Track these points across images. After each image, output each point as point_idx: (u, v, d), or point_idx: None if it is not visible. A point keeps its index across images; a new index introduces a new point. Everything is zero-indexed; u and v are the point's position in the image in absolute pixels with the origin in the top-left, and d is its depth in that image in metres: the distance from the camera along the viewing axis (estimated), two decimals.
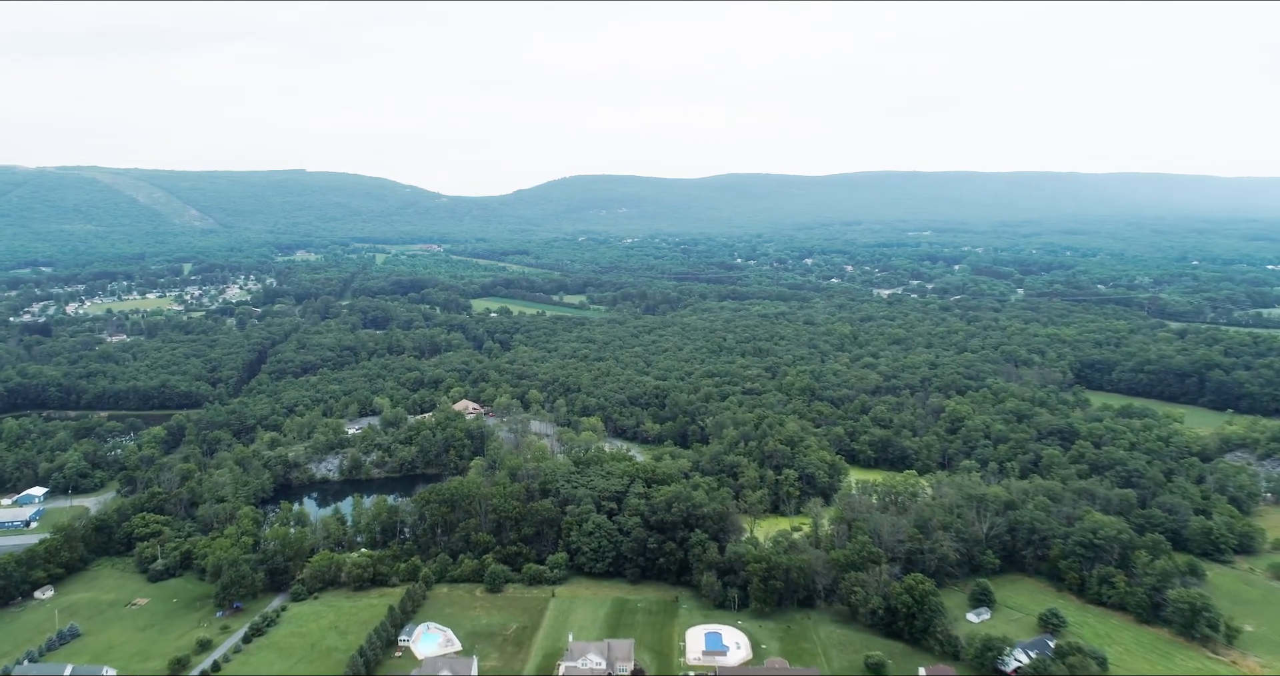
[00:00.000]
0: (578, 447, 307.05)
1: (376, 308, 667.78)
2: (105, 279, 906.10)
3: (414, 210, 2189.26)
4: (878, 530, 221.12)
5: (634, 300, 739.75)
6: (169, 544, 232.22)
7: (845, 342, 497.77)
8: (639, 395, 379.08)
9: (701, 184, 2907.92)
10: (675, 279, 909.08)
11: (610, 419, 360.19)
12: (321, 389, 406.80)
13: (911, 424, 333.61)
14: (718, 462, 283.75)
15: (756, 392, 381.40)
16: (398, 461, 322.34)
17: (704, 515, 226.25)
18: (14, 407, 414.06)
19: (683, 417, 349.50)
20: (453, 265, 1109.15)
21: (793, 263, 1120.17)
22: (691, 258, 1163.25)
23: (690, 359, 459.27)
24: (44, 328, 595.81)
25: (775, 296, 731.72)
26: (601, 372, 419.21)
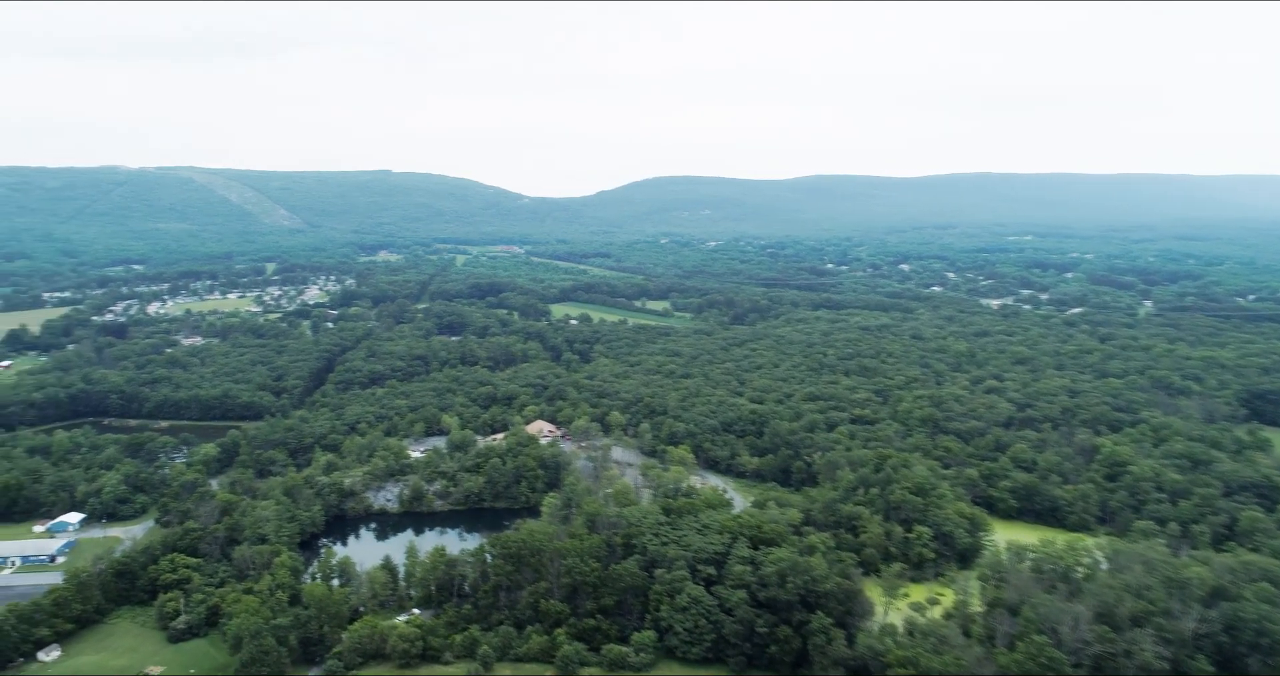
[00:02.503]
0: (666, 487, 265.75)
1: (452, 312, 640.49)
2: (190, 278, 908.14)
3: (496, 211, 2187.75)
4: (1051, 622, 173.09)
5: (720, 308, 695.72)
6: (195, 596, 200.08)
7: (962, 361, 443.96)
8: (733, 421, 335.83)
9: (786, 185, 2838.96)
10: (763, 285, 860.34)
11: (701, 448, 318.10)
12: (387, 404, 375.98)
13: (1059, 467, 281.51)
14: (833, 513, 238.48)
15: (868, 422, 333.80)
16: (463, 492, 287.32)
17: (826, 592, 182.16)
18: (76, 414, 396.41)
19: (785, 450, 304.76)
20: (532, 267, 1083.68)
21: (888, 268, 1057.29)
22: (779, 262, 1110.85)
23: (788, 378, 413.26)
24: (120, 328, 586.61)
25: (874, 306, 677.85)
26: (690, 392, 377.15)
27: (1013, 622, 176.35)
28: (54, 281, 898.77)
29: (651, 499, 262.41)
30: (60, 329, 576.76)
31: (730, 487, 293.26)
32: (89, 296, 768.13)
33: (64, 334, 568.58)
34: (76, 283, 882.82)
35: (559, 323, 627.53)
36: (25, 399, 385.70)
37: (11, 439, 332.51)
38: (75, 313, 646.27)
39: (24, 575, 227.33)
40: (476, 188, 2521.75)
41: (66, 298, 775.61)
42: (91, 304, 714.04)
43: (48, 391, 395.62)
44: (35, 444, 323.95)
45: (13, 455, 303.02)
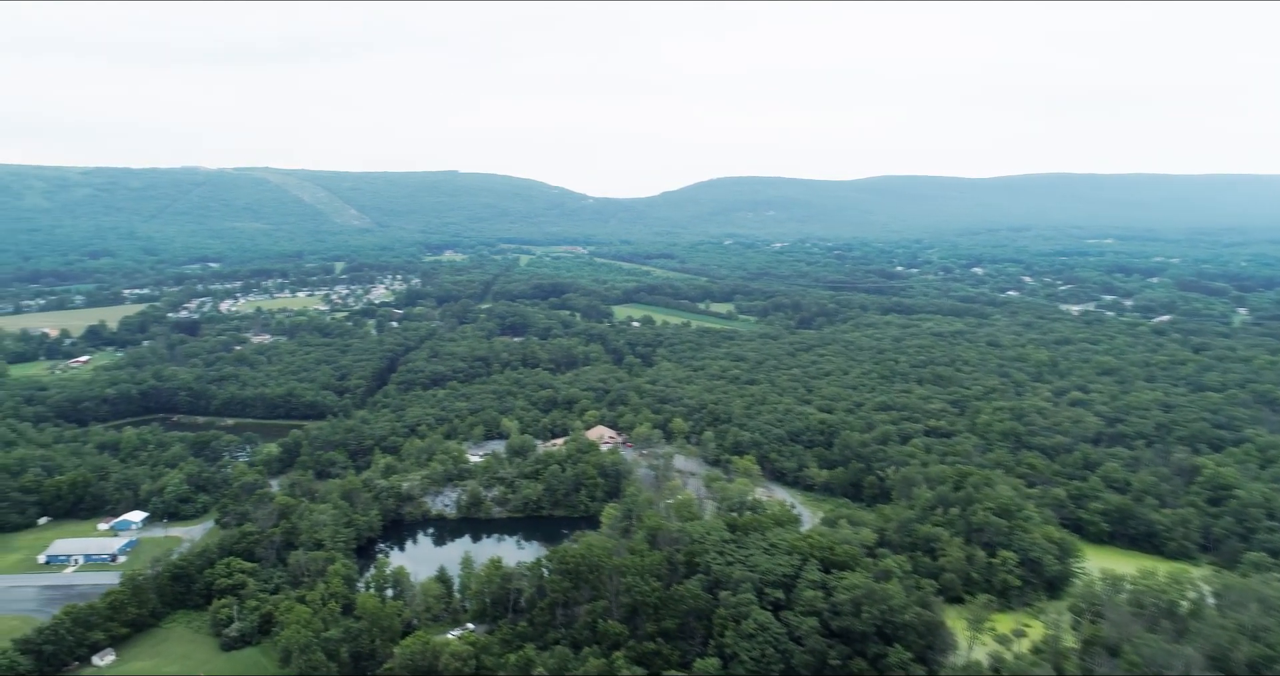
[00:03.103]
0: (731, 500, 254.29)
1: (515, 313, 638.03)
2: (262, 276, 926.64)
3: (560, 211, 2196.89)
4: (1157, 665, 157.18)
5: (786, 311, 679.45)
6: (248, 602, 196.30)
7: (1043, 371, 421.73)
8: (801, 431, 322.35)
9: (854, 186, 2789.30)
10: (830, 288, 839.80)
11: (767, 459, 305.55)
12: (448, 406, 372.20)
13: (1155, 489, 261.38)
14: (909, 534, 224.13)
15: (944, 434, 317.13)
16: (521, 499, 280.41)
17: (904, 624, 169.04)
18: (146, 411, 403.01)
19: (856, 464, 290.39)
20: (595, 268, 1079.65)
21: (960, 272, 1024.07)
22: (846, 264, 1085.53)
23: (858, 385, 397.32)
24: (192, 325, 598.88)
25: (947, 311, 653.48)
26: (755, 399, 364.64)
27: (1113, 664, 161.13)
28: (134, 278, 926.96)
29: (715, 512, 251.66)
30: (136, 325, 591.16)
31: (797, 501, 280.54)
32: (165, 293, 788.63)
33: (140, 330, 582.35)
34: (155, 280, 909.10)
35: (621, 324, 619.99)
36: (99, 394, 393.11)
37: (83, 434, 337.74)
38: (152, 309, 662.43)
39: (85, 574, 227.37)
40: (541, 188, 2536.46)
41: (145, 294, 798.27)
42: (167, 301, 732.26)
43: (120, 387, 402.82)
44: (105, 440, 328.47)
45: (83, 451, 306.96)
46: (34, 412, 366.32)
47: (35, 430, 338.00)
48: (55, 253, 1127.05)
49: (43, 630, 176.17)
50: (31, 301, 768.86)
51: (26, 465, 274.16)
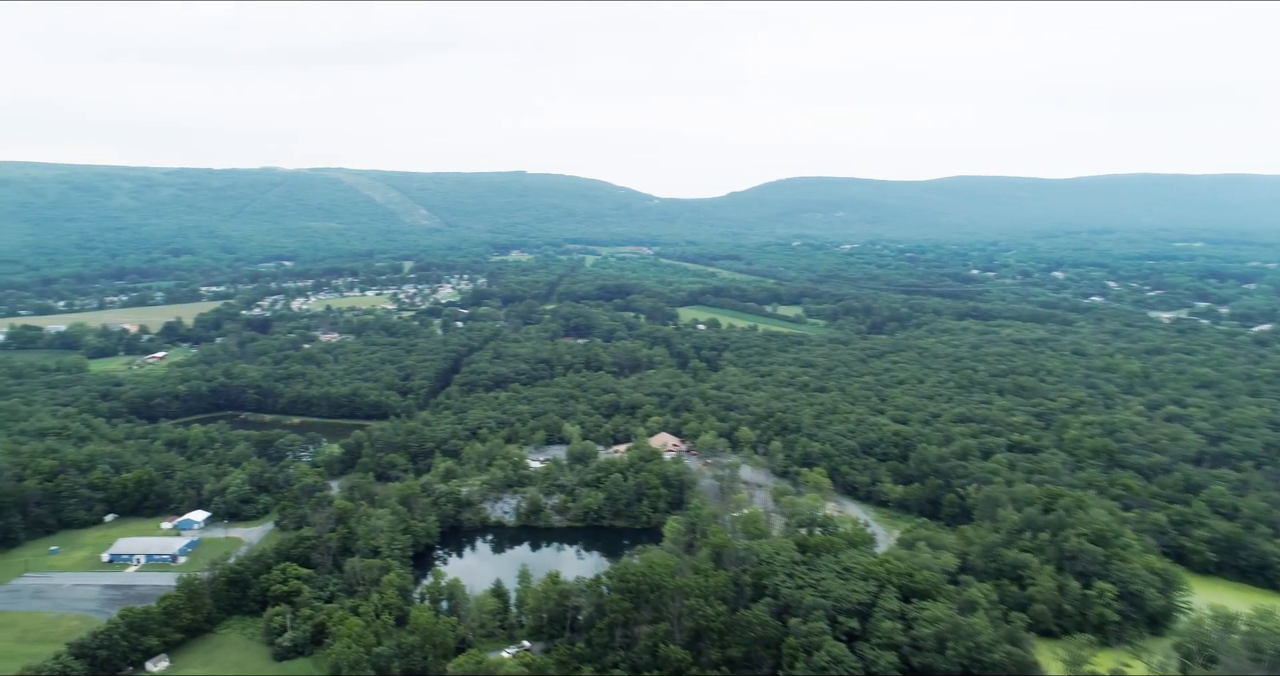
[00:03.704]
0: (801, 515, 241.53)
1: (579, 314, 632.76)
2: (333, 275, 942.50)
3: (626, 211, 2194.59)
4: None
5: (857, 315, 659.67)
6: (302, 611, 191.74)
7: (1134, 383, 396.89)
8: (873, 443, 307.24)
9: (926, 187, 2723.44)
10: (903, 291, 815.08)
11: (838, 471, 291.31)
12: (509, 409, 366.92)
13: (1268, 516, 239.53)
14: (994, 559, 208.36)
15: (1029, 450, 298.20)
16: (581, 508, 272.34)
17: (993, 663, 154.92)
18: (216, 408, 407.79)
19: (933, 479, 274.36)
20: (661, 269, 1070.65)
21: (1039, 276, 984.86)
22: (919, 267, 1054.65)
23: (934, 395, 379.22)
24: (263, 323, 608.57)
25: (1027, 316, 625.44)
26: (826, 408, 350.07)
27: None
28: (212, 276, 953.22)
29: (784, 529, 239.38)
30: (211, 322, 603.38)
31: (871, 518, 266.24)
32: (240, 291, 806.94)
33: (214, 327, 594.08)
34: (232, 278, 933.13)
35: (686, 327, 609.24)
36: (171, 391, 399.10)
37: (153, 431, 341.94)
38: (226, 307, 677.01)
39: (147, 574, 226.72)
40: (607, 188, 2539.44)
41: (221, 292, 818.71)
42: (241, 299, 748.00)
43: (191, 384, 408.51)
44: (173, 437, 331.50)
45: (151, 449, 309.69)
46: (109, 408, 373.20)
47: (108, 426, 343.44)
48: (139, 250, 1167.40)
49: (97, 634, 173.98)
50: (115, 298, 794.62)
51: (95, 462, 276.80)
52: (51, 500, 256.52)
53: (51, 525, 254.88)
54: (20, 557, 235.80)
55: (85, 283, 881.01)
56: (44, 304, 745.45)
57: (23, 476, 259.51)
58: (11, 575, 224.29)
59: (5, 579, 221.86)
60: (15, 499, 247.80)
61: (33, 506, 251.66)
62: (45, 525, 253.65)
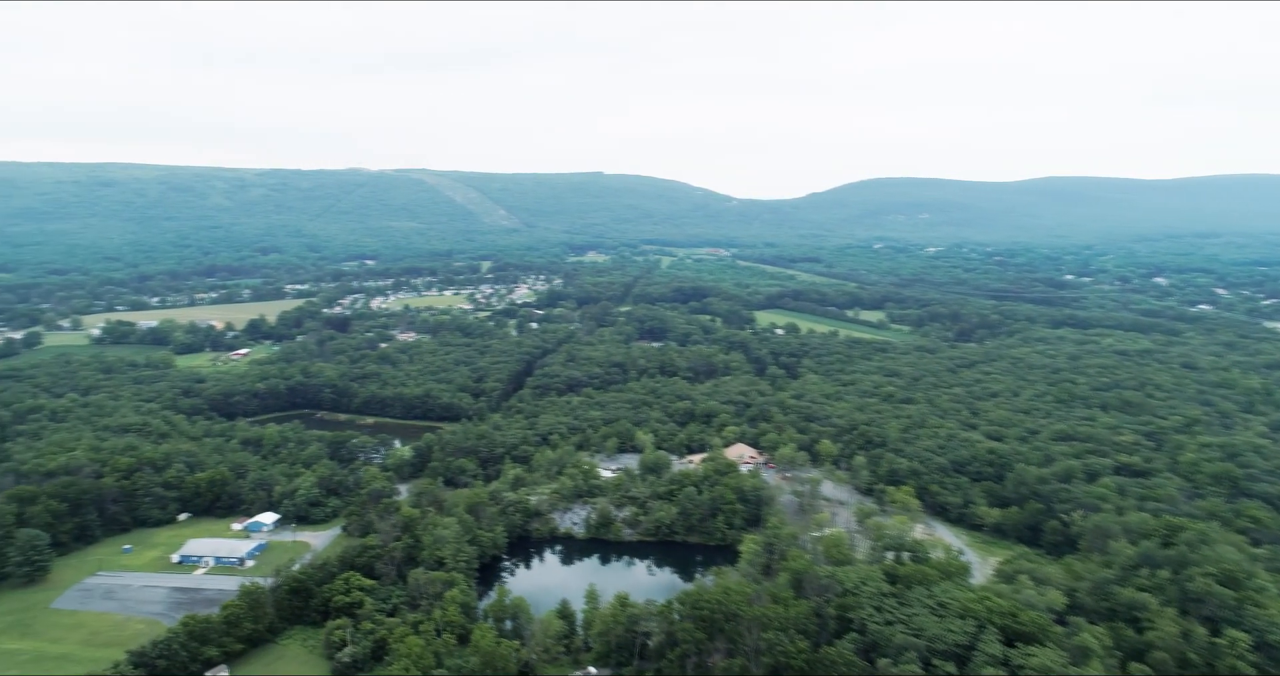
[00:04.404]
0: (887, 538, 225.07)
1: (654, 317, 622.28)
2: (412, 274, 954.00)
3: (703, 213, 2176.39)
4: None
5: (944, 321, 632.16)
6: (363, 624, 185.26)
7: (1255, 401, 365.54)
8: (966, 461, 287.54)
9: (1016, 188, 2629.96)
10: (992, 296, 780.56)
11: (926, 490, 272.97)
12: (581, 414, 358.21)
13: None
14: (1106, 597, 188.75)
15: (1139, 473, 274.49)
16: (653, 522, 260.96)
17: None
18: (293, 406, 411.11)
19: (1033, 503, 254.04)
20: (738, 271, 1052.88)
21: (1140, 282, 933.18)
22: (1009, 271, 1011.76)
23: (1030, 409, 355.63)
24: (342, 322, 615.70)
25: (1129, 326, 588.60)
26: (913, 422, 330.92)
27: None
28: (297, 274, 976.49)
29: (870, 553, 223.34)
30: (293, 320, 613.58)
31: (963, 543, 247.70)
32: (322, 290, 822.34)
33: (296, 325, 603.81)
34: (315, 276, 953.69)
35: (764, 332, 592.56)
36: (250, 389, 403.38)
37: (230, 429, 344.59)
38: (308, 305, 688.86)
39: (214, 577, 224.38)
40: (685, 189, 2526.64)
41: (304, 290, 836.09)
42: (323, 297, 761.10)
43: (270, 382, 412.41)
44: (249, 435, 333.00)
45: (226, 448, 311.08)
46: (190, 405, 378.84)
47: (188, 423, 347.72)
48: (230, 248, 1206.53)
49: (157, 643, 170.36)
50: (205, 295, 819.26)
51: (171, 460, 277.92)
52: (128, 498, 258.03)
53: (127, 523, 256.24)
54: (95, 555, 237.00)
55: (179, 279, 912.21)
56: (139, 300, 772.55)
57: (101, 473, 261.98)
58: (85, 573, 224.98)
59: (79, 577, 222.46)
60: (93, 496, 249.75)
61: (109, 504, 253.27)
62: (121, 523, 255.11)
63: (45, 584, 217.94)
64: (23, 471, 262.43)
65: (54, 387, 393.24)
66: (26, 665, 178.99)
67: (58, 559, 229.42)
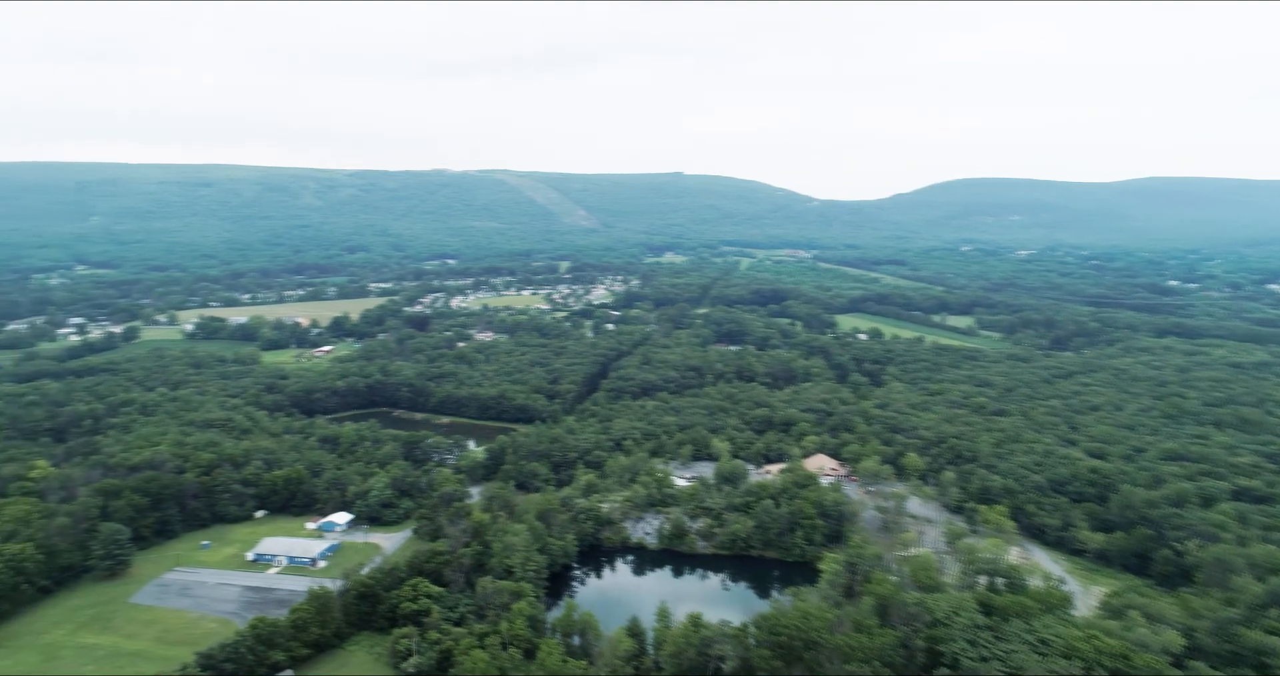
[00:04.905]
0: (980, 563, 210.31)
1: (732, 319, 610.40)
2: (491, 274, 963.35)
3: (784, 214, 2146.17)
4: None
5: (1037, 328, 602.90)
6: (429, 634, 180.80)
7: None
8: (1065, 480, 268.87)
9: (1113, 189, 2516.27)
10: (1089, 303, 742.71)
11: (1022, 511, 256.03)
12: (655, 420, 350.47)
13: None
14: (1229, 639, 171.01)
15: (1261, 498, 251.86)
16: (728, 535, 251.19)
17: None
18: (371, 404, 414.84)
19: (1141, 529, 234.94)
20: (819, 274, 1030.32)
21: (1253, 288, 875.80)
22: (1107, 276, 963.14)
23: (1135, 425, 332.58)
24: (422, 321, 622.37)
25: (1242, 336, 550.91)
26: (1006, 436, 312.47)
27: None
28: (381, 272, 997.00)
29: (960, 578, 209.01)
30: (374, 318, 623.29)
31: (1062, 570, 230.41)
32: (404, 288, 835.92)
33: (377, 323, 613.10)
34: (398, 275, 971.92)
35: (846, 337, 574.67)
36: (330, 386, 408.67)
37: (309, 426, 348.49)
38: (390, 303, 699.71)
39: (287, 577, 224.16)
40: (765, 190, 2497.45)
41: (387, 288, 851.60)
42: (405, 295, 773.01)
43: (350, 380, 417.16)
44: (327, 433, 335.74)
45: (304, 446, 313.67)
46: (272, 401, 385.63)
47: (270, 419, 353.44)
48: (320, 247, 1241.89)
49: (225, 646, 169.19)
50: (293, 292, 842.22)
51: (250, 457, 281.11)
52: (207, 493, 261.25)
53: (206, 519, 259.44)
54: (174, 551, 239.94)
55: (269, 277, 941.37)
56: (232, 296, 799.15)
57: (183, 469, 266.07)
58: (163, 568, 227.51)
59: (157, 572, 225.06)
60: (174, 491, 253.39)
61: (189, 499, 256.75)
62: (200, 518, 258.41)
63: (125, 578, 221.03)
64: (110, 464, 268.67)
65: (146, 381, 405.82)
66: (102, 661, 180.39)
67: (138, 553, 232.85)
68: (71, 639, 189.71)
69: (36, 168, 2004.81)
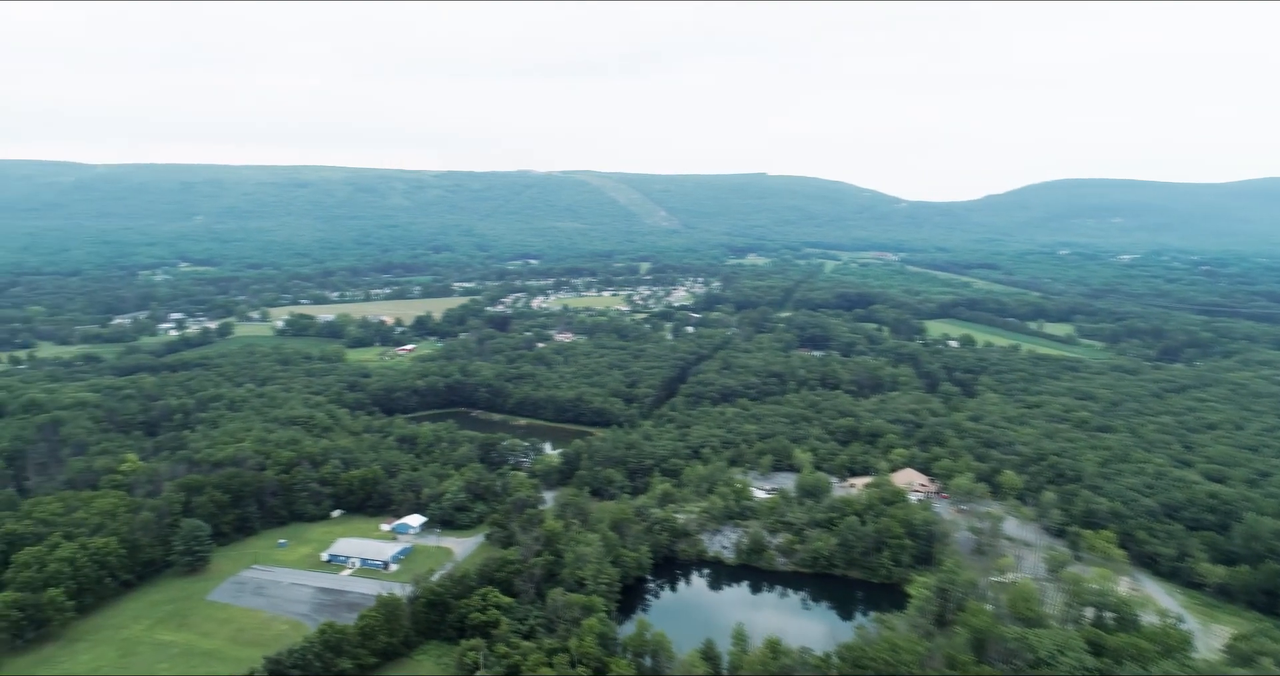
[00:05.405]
0: (1086, 595, 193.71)
1: (815, 324, 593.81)
2: (572, 274, 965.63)
3: (870, 215, 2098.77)
4: None
5: (1144, 338, 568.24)
6: (497, 647, 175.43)
7: None
8: (1180, 505, 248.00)
9: (1225, 190, 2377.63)
10: (1201, 311, 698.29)
11: (1132, 537, 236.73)
12: (735, 427, 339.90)
13: None
14: None
15: None
16: (810, 552, 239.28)
17: None
18: (450, 404, 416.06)
19: (1271, 563, 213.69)
20: (907, 277, 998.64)
21: None
22: (1220, 283, 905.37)
23: (1259, 446, 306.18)
24: (503, 321, 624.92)
25: None
26: (1113, 454, 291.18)
27: None
28: (465, 272, 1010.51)
29: (1064, 610, 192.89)
30: (456, 318, 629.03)
31: (1179, 604, 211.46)
32: (487, 288, 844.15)
33: (459, 323, 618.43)
34: (481, 274, 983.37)
35: (935, 343, 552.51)
36: (410, 385, 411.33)
37: (388, 425, 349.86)
38: (472, 303, 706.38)
39: (359, 580, 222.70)
40: (850, 190, 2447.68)
41: (470, 288, 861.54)
42: (487, 295, 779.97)
43: (430, 380, 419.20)
44: (405, 433, 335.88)
45: (382, 445, 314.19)
46: (354, 399, 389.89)
47: (351, 417, 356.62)
48: (406, 246, 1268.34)
49: (294, 651, 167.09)
50: (379, 290, 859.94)
51: (329, 456, 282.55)
52: (286, 491, 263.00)
53: (284, 517, 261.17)
54: (252, 548, 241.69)
55: (358, 275, 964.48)
56: (321, 294, 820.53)
57: (264, 466, 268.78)
58: (241, 566, 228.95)
59: (235, 569, 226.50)
60: (254, 488, 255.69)
61: (269, 496, 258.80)
62: (278, 516, 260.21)
63: (205, 574, 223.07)
64: (195, 460, 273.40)
65: (236, 377, 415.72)
66: (176, 659, 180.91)
67: (217, 549, 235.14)
68: (149, 635, 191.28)
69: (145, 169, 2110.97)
